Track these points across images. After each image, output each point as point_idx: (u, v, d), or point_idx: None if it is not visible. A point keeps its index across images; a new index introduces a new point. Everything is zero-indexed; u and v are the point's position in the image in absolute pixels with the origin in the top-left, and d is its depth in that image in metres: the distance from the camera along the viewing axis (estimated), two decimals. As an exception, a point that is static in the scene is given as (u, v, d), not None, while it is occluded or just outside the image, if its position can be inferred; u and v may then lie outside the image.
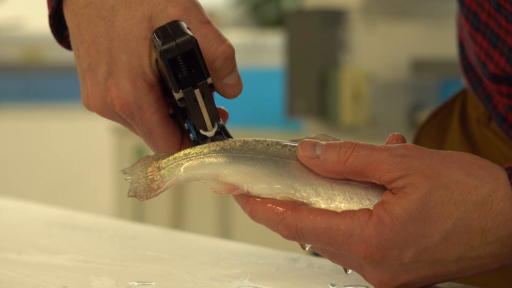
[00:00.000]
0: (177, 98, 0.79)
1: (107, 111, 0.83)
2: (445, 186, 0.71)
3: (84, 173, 5.97)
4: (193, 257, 0.93)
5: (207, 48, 0.80)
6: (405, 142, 0.76)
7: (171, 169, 0.79)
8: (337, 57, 3.17)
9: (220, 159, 0.78)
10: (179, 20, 0.78)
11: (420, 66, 3.29)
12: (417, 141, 1.12)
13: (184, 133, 0.84)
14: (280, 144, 0.77)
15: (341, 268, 0.78)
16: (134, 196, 0.80)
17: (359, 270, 0.75)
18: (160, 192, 0.80)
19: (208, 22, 0.81)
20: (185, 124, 0.83)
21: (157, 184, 0.80)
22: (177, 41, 0.76)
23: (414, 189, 0.71)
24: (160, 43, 0.77)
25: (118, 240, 1.03)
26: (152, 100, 0.81)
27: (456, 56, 1.07)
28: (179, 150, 0.82)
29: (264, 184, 0.76)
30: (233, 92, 0.83)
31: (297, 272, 0.86)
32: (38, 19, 6.19)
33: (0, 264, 0.89)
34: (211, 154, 0.78)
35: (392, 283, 0.73)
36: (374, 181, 0.73)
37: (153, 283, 0.81)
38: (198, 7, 0.81)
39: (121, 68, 0.80)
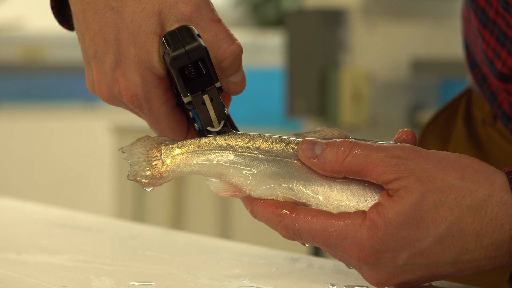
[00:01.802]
0: (185, 102, 0.79)
1: (113, 100, 0.83)
2: (439, 190, 0.71)
3: (84, 173, 5.96)
4: (193, 257, 0.93)
5: (217, 47, 0.80)
6: (415, 137, 0.77)
7: (176, 160, 0.79)
8: (337, 57, 3.17)
9: (226, 157, 0.78)
10: (189, 25, 0.78)
11: (420, 66, 3.28)
12: (421, 140, 1.12)
13: (189, 122, 0.84)
14: (284, 141, 0.77)
15: (341, 268, 0.78)
16: (135, 180, 0.79)
17: (357, 268, 0.75)
18: (164, 183, 0.80)
19: (219, 21, 0.80)
20: (190, 113, 0.83)
21: (160, 173, 0.79)
22: (186, 49, 0.76)
23: (408, 193, 0.71)
24: (170, 51, 0.77)
25: (118, 240, 1.03)
26: (161, 92, 0.81)
27: (457, 56, 1.07)
28: (185, 138, 0.82)
29: (265, 186, 0.77)
30: (238, 89, 0.83)
31: (297, 272, 0.86)
32: (38, 19, 6.18)
33: (0, 264, 0.88)
34: (218, 150, 0.78)
35: (389, 282, 0.74)
36: (371, 181, 0.73)
37: (153, 283, 0.81)
38: (209, 4, 0.81)
39: (129, 61, 0.80)
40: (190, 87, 0.78)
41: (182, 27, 0.78)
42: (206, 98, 0.78)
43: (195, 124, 0.82)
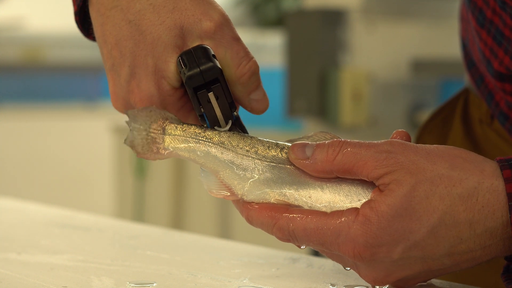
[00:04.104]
0: (198, 114, 0.81)
1: None
2: (430, 180, 0.72)
3: (84, 173, 5.96)
4: (193, 257, 0.93)
5: (237, 64, 0.82)
6: (409, 138, 0.78)
7: (176, 140, 0.80)
8: (337, 57, 3.17)
9: (225, 156, 0.78)
10: (204, 45, 0.80)
11: (420, 66, 3.29)
12: (419, 140, 1.12)
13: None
14: (279, 146, 0.78)
15: (341, 267, 0.78)
16: (130, 146, 0.80)
17: (354, 268, 0.75)
18: (158, 159, 0.80)
19: (238, 39, 0.83)
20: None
21: (157, 148, 0.80)
22: (201, 69, 0.78)
23: (398, 185, 0.71)
24: (185, 71, 0.78)
25: (118, 240, 1.03)
26: (176, 100, 0.83)
27: (457, 56, 1.08)
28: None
29: (258, 191, 0.77)
30: (261, 107, 0.85)
31: (297, 272, 0.86)
32: (38, 19, 6.18)
33: (0, 264, 0.89)
34: (219, 146, 0.79)
35: (386, 279, 0.74)
36: (362, 178, 0.74)
37: (154, 283, 0.81)
38: (229, 23, 0.83)
39: (145, 71, 0.81)
40: (197, 87, 0.79)
41: (198, 47, 0.80)
42: (211, 96, 0.79)
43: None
